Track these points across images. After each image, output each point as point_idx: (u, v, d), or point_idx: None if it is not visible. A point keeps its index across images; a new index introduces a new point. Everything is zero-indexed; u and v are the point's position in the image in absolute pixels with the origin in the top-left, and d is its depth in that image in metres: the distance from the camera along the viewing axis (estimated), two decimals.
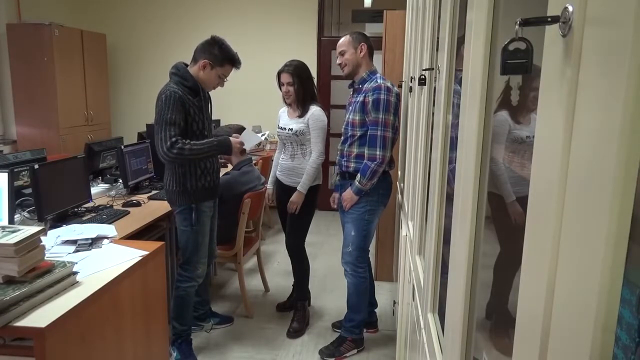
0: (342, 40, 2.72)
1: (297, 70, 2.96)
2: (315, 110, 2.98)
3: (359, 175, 2.59)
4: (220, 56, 2.55)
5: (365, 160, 2.58)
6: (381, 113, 2.53)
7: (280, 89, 3.05)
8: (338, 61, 2.74)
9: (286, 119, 3.07)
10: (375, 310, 3.16)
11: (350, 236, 2.71)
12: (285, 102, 3.09)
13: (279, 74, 3.02)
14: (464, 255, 0.91)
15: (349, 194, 2.64)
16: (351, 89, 2.78)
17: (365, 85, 2.62)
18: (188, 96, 2.47)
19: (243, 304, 3.29)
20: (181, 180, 2.52)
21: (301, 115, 2.99)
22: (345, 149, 2.71)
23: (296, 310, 3.18)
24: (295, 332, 3.05)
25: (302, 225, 3.10)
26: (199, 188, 2.56)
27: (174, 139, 2.35)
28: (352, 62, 2.68)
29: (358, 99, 2.62)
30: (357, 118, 2.61)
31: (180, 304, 2.70)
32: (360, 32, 2.75)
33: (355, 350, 2.85)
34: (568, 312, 0.45)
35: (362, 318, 2.86)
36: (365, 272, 2.80)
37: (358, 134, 2.62)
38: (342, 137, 2.75)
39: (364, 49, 2.67)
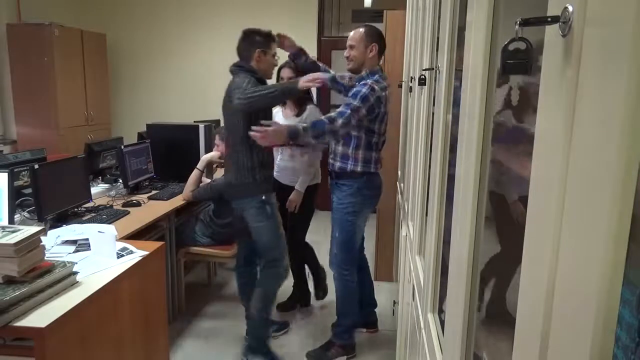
0: (354, 33, 2.60)
1: (298, 67, 2.95)
2: (312, 108, 2.98)
3: (309, 126, 2.44)
4: (263, 39, 2.59)
5: (325, 118, 2.44)
6: (357, 101, 2.42)
7: None
8: (345, 53, 2.62)
9: (282, 119, 3.06)
10: (375, 310, 3.15)
11: (335, 238, 2.67)
12: None
13: (279, 69, 3.01)
14: (464, 255, 0.91)
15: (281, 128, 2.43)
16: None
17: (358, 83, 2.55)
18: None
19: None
20: (250, 172, 2.53)
21: (298, 114, 2.99)
22: (333, 147, 2.67)
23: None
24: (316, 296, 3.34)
25: (301, 224, 3.11)
26: (267, 178, 2.59)
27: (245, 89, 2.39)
28: (358, 60, 2.58)
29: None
30: None
31: (270, 303, 2.72)
32: (375, 29, 2.63)
33: (344, 357, 2.78)
34: (568, 312, 0.45)
35: (351, 323, 2.80)
36: (351, 276, 2.72)
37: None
38: None
39: (375, 49, 2.56)
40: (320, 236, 5.01)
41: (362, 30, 2.60)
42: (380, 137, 2.61)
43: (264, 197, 2.55)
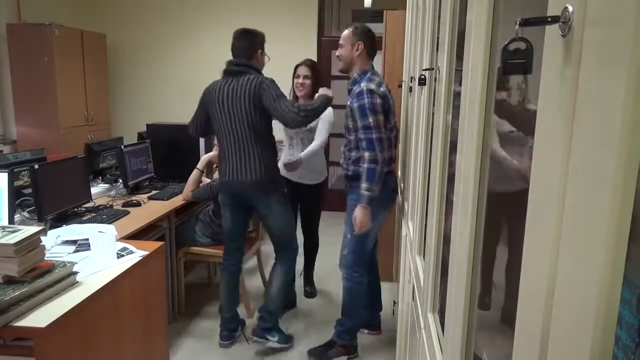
0: (345, 32, 2.61)
1: (315, 65, 3.24)
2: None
3: (362, 183, 2.42)
4: (262, 40, 2.81)
5: (362, 164, 2.43)
6: (370, 117, 2.40)
7: (293, 81, 3.21)
8: (337, 53, 2.64)
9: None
10: (380, 313, 3.10)
11: (347, 239, 2.63)
12: (295, 96, 3.20)
13: (296, 67, 3.21)
14: (464, 255, 0.91)
15: (358, 212, 2.43)
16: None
17: (354, 88, 2.52)
18: None
19: (243, 304, 3.29)
20: (272, 169, 2.71)
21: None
22: (345, 152, 2.64)
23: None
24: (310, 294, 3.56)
25: (317, 214, 3.52)
26: (280, 175, 2.85)
27: (295, 105, 2.59)
28: (345, 59, 2.58)
29: (348, 103, 2.53)
30: (349, 123, 2.54)
31: (289, 287, 3.05)
32: (364, 27, 2.59)
33: (345, 357, 2.76)
34: (568, 312, 0.45)
35: (354, 324, 2.77)
36: (362, 277, 2.69)
37: (352, 138, 2.54)
38: (345, 140, 2.68)
39: (361, 47, 2.53)
40: (321, 236, 5.02)
41: (350, 28, 2.60)
42: (393, 131, 2.56)
43: (284, 190, 2.79)
